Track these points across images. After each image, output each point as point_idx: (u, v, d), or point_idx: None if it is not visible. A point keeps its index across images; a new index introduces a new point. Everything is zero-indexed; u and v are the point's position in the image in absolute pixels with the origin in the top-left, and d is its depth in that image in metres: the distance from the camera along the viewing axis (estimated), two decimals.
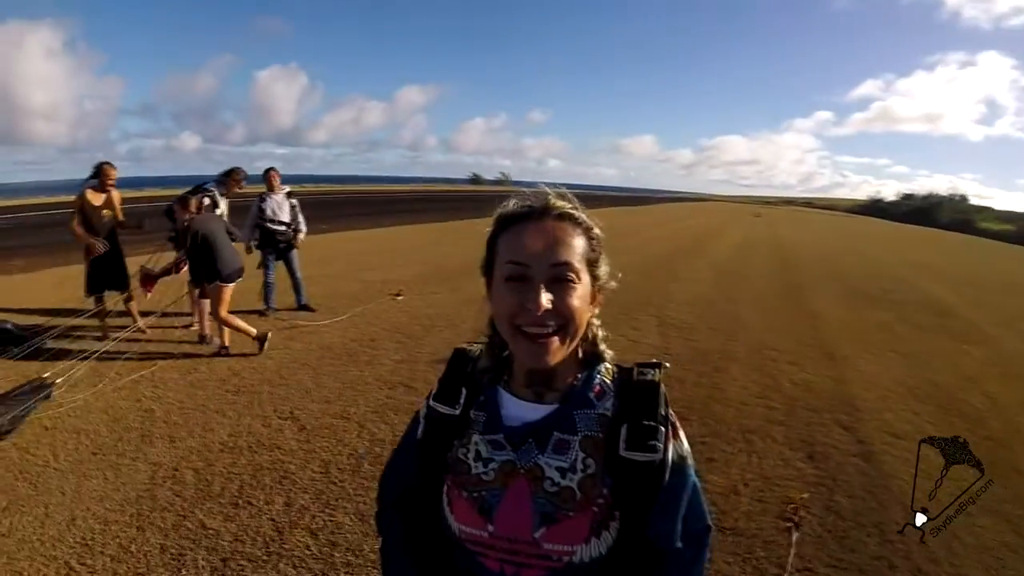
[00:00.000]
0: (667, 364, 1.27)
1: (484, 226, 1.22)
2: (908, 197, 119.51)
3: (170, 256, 7.39)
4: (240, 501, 4.15)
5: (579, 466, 1.14)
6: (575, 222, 1.17)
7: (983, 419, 6.50)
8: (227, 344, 7.26)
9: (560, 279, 1.11)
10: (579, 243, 1.16)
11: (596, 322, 1.30)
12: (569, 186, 1.21)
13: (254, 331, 7.16)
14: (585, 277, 1.15)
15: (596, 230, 1.21)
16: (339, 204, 37.32)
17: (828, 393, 6.86)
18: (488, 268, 1.22)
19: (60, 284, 10.46)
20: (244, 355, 7.12)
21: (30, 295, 9.79)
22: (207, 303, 7.41)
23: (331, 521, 3.95)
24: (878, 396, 6.92)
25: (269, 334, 7.38)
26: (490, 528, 1.16)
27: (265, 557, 3.57)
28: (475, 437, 1.24)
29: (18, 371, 6.20)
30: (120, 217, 7.49)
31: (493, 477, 1.18)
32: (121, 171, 7.36)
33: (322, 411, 5.69)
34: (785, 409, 6.26)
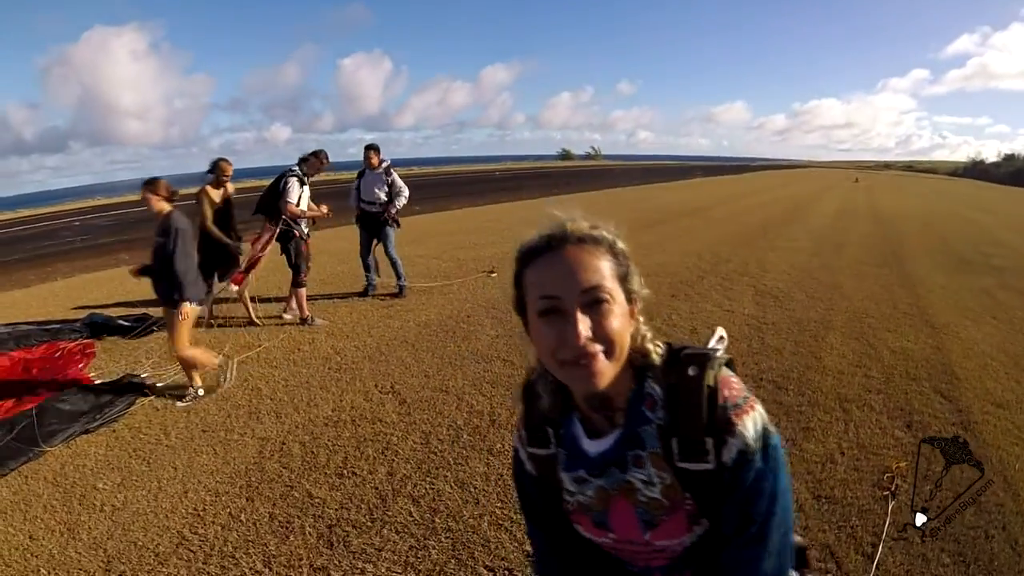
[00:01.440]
0: (719, 352, 1.23)
1: (576, 201, 1.19)
2: (1010, 158, 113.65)
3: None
4: (345, 471, 4.20)
5: (655, 479, 1.17)
6: (596, 242, 1.13)
7: None
8: (307, 314, 7.65)
9: (594, 303, 1.08)
10: (605, 263, 1.12)
11: (643, 329, 1.23)
12: (661, 157, 1.15)
13: (215, 360, 5.81)
14: (619, 295, 1.12)
15: (620, 244, 1.17)
16: (431, 186, 37.80)
17: (927, 361, 6.52)
18: (520, 306, 1.20)
19: None
20: (346, 335, 7.22)
21: (137, 287, 10.17)
22: (299, 291, 7.63)
23: (432, 489, 3.95)
24: (979, 364, 6.54)
25: (227, 375, 5.90)
26: (611, 535, 1.27)
27: (369, 523, 3.59)
28: (562, 474, 1.30)
29: (123, 361, 6.50)
30: (233, 212, 7.64)
31: (592, 502, 1.25)
32: None
33: (422, 385, 5.72)
34: (883, 377, 5.99)
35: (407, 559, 3.30)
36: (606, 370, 1.09)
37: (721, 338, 1.26)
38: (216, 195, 7.33)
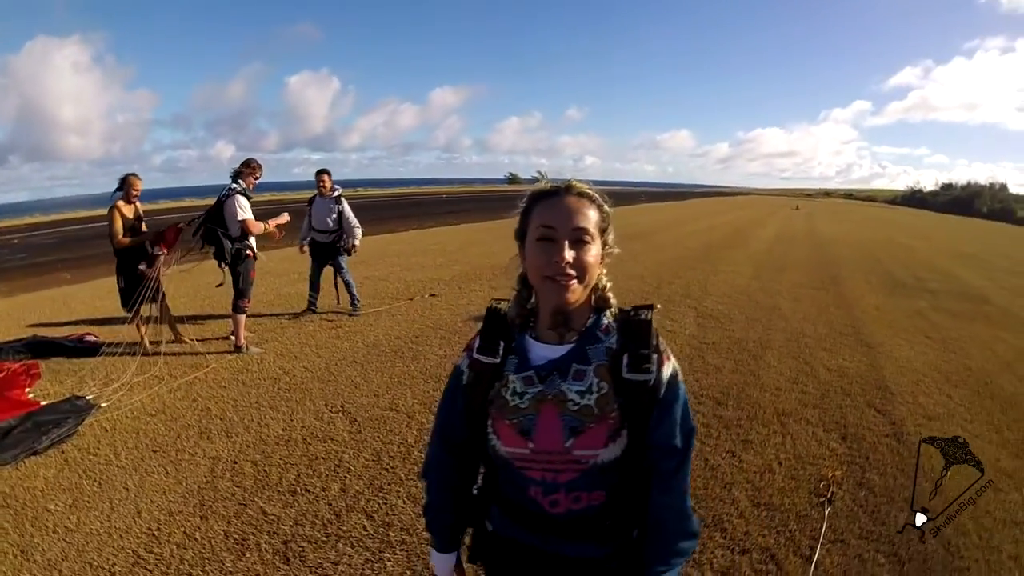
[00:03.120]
0: (658, 305, 1.59)
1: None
2: (947, 187, 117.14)
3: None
4: (298, 489, 4.26)
5: (595, 388, 1.47)
6: (590, 199, 1.51)
7: (1018, 402, 6.38)
8: (243, 342, 7.40)
9: (579, 240, 1.44)
10: (593, 215, 1.49)
11: (604, 277, 1.60)
12: (607, 182, 1.42)
13: None
14: (597, 242, 1.49)
15: (606, 207, 1.54)
16: (379, 207, 37.83)
17: (862, 378, 6.83)
18: (521, 234, 1.55)
19: (108, 294, 10.70)
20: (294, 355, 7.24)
21: (80, 306, 10.07)
22: (240, 317, 7.32)
23: (385, 504, 4.06)
24: (912, 380, 6.87)
25: None
26: (530, 446, 1.49)
27: (324, 538, 3.67)
28: (511, 376, 1.55)
29: (67, 382, 6.40)
30: (144, 228, 7.37)
31: (528, 405, 1.50)
32: (158, 182, 7.31)
33: (372, 404, 5.79)
34: (819, 393, 6.27)
35: (363, 572, 3.41)
36: (576, 291, 1.45)
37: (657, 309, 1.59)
38: (128, 211, 7.13)
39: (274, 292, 10.69)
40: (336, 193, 8.97)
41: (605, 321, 1.56)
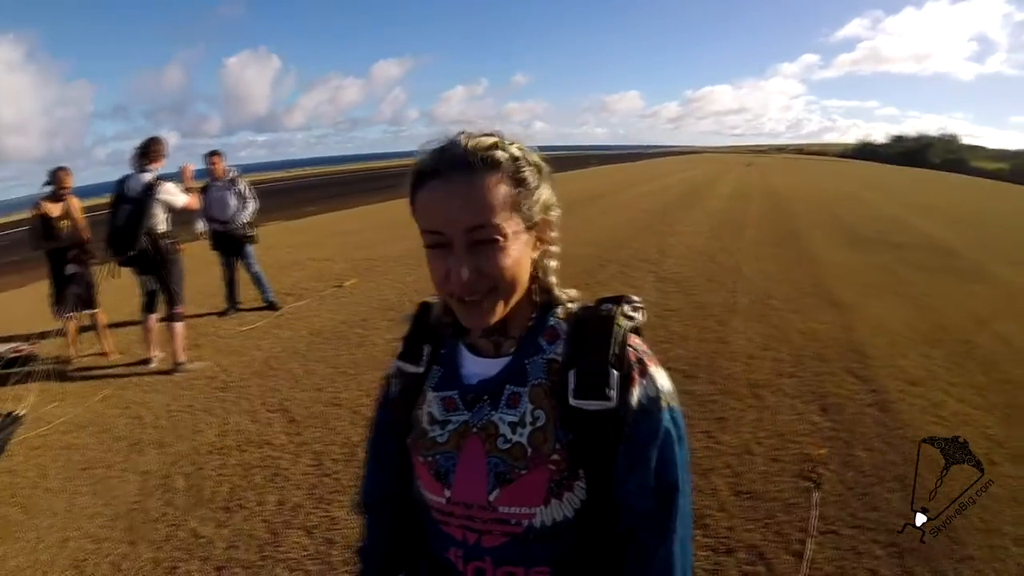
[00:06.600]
0: (634, 297, 1.14)
1: None
2: (899, 139, 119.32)
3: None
4: (232, 504, 4.04)
5: (528, 419, 1.04)
6: (493, 167, 1.00)
7: (997, 362, 6.26)
8: (182, 358, 6.48)
9: (482, 241, 0.98)
10: (501, 192, 0.99)
11: (550, 262, 1.15)
12: (557, 148, 1.03)
13: None
14: (515, 226, 1.01)
15: (525, 163, 1.04)
16: (326, 185, 37.28)
17: (836, 341, 6.69)
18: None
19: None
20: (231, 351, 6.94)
21: (21, 312, 9.56)
22: (178, 327, 6.37)
23: (326, 517, 3.84)
24: (888, 342, 6.74)
25: None
26: (447, 494, 1.08)
27: (260, 562, 3.47)
28: (430, 395, 1.16)
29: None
30: (80, 224, 6.66)
31: (447, 439, 1.10)
32: (105, 176, 6.73)
33: (312, 400, 5.57)
34: (793, 360, 6.11)
35: None
36: (493, 309, 1.02)
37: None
38: (55, 210, 6.46)
39: (215, 283, 9.93)
40: (231, 176, 8.19)
41: (552, 323, 1.11)
